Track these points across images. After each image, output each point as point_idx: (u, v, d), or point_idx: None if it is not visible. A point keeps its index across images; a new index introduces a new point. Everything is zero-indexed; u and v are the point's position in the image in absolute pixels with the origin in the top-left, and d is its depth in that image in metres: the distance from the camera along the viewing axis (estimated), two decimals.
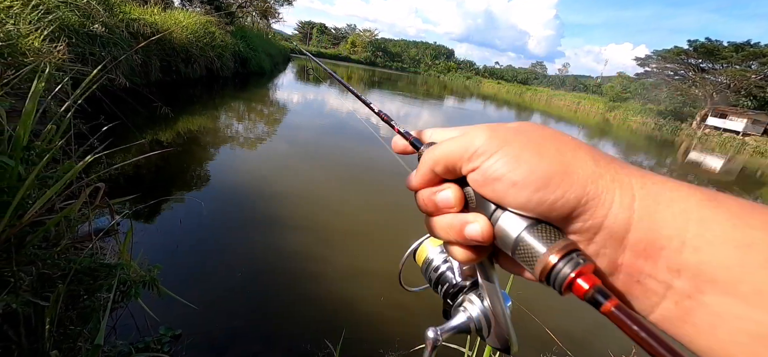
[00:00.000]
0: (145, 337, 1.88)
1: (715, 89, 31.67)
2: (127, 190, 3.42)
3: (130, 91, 6.31)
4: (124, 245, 1.16)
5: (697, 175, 12.40)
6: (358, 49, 78.22)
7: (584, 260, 0.20)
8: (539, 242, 0.21)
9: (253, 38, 15.54)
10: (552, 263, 0.20)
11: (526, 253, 0.22)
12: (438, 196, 0.26)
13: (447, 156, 0.25)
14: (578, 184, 0.21)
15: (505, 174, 0.22)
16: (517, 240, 0.22)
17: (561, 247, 0.20)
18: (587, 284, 0.19)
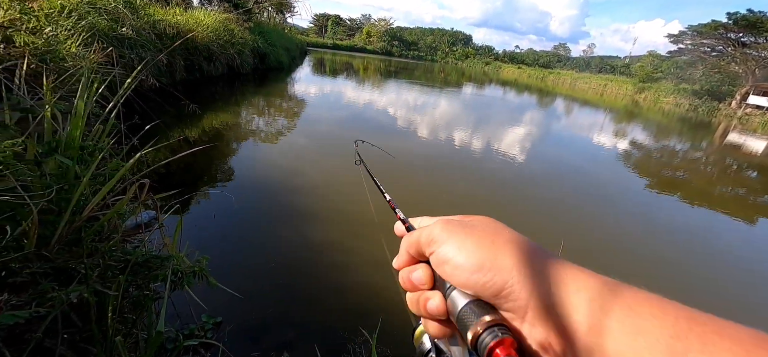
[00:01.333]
0: (189, 324, 1.98)
1: (758, 65, 29.46)
2: (162, 187, 3.59)
3: (159, 91, 6.56)
4: (174, 238, 1.22)
5: (737, 158, 11.67)
6: (374, 39, 77.66)
7: (503, 333, 0.25)
8: (473, 315, 0.26)
9: (270, 34, 15.72)
10: (478, 332, 0.25)
11: (464, 323, 0.27)
12: (413, 275, 0.32)
13: (415, 242, 0.32)
14: (503, 272, 0.26)
15: (451, 258, 0.29)
16: (460, 312, 0.27)
17: (488, 322, 0.25)
18: (503, 354, 0.24)
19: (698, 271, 3.70)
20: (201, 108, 6.32)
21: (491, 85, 31.17)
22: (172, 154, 4.46)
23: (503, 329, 0.25)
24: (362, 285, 2.65)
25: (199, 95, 8.07)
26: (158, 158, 4.26)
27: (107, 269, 1.10)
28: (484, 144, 7.55)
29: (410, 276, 0.33)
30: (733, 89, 31.61)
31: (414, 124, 8.94)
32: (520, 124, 11.60)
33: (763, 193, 7.72)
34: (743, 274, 3.83)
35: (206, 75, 9.79)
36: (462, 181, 5.03)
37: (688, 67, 35.23)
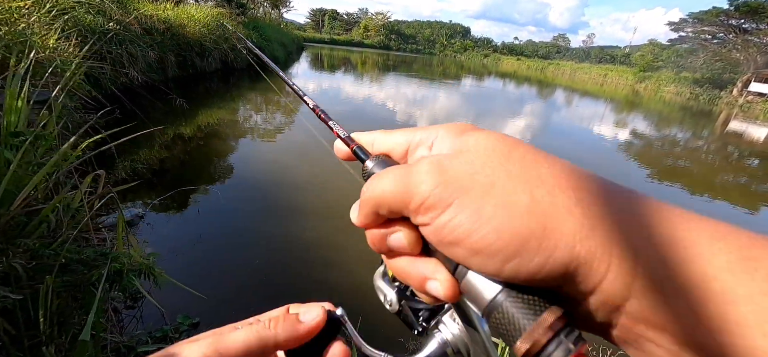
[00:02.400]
0: (163, 326, 1.88)
1: (760, 52, 29.16)
2: (150, 183, 3.49)
3: (150, 87, 6.45)
4: (118, 234, 1.12)
5: (738, 146, 11.53)
6: (371, 33, 77.18)
7: (575, 343, 0.16)
8: (520, 313, 0.17)
9: (265, 29, 15.56)
10: (541, 343, 0.16)
11: (503, 324, 0.17)
12: (389, 240, 0.21)
13: (388, 198, 0.20)
14: (564, 246, 0.16)
15: (465, 238, 0.17)
16: (491, 305, 0.18)
17: (549, 326, 0.16)
18: None
19: None
20: (193, 104, 6.20)
21: (490, 77, 30.93)
22: (164, 150, 4.35)
23: (575, 335, 0.16)
24: (354, 283, 2.55)
25: (191, 91, 7.94)
26: (152, 156, 4.17)
27: (38, 269, 0.99)
28: None
29: (387, 240, 0.21)
30: (735, 77, 31.30)
31: (414, 118, 8.82)
32: (521, 116, 11.46)
33: (765, 180, 7.59)
34: None
35: (200, 71, 9.65)
36: None
37: (688, 55, 34.92)
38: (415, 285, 0.21)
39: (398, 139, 0.24)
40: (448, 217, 0.18)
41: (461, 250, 0.18)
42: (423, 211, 0.19)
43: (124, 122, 2.30)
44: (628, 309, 0.16)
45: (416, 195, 0.19)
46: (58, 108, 1.53)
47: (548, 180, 0.17)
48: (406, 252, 0.21)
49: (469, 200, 0.17)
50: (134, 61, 6.11)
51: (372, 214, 0.21)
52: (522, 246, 0.16)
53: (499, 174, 0.18)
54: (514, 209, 0.17)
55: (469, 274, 0.19)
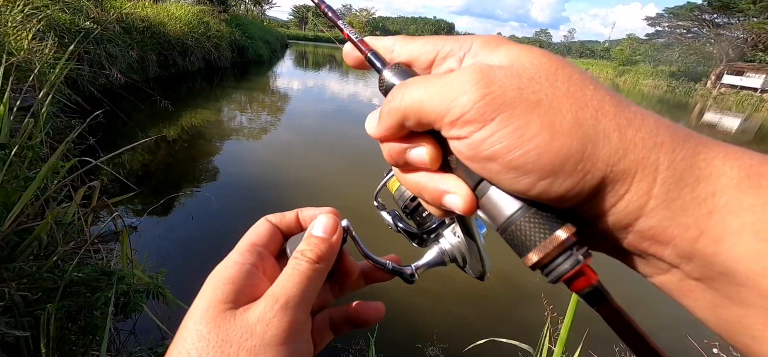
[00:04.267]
0: (165, 340, 1.82)
1: (731, 45, 30.39)
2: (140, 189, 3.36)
3: (131, 88, 6.22)
4: (123, 250, 1.06)
5: (713, 137, 11.97)
6: (356, 30, 76.65)
7: (583, 255, 0.18)
8: (536, 230, 0.18)
9: (248, 26, 15.22)
10: (550, 256, 0.18)
11: (517, 239, 0.19)
12: (409, 154, 0.21)
13: (422, 108, 0.19)
14: (597, 169, 0.16)
15: (505, 154, 0.17)
16: (509, 221, 0.19)
17: (560, 243, 0.18)
18: (583, 284, 0.18)
19: None
20: (176, 105, 6.00)
21: None
22: (149, 154, 4.20)
23: (584, 250, 0.18)
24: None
25: (175, 92, 7.70)
26: (138, 161, 4.02)
27: (42, 294, 0.93)
28: None
29: (407, 154, 0.21)
30: (708, 70, 32.53)
31: None
32: None
33: None
34: None
35: (182, 70, 9.37)
36: None
37: (665, 49, 36.07)
38: (431, 198, 0.21)
39: (423, 47, 0.22)
40: (489, 133, 0.17)
41: (496, 165, 0.17)
42: (461, 124, 0.18)
43: (107, 126, 2.20)
44: (637, 227, 0.17)
45: (455, 107, 0.18)
46: (44, 115, 1.44)
47: (593, 102, 0.17)
48: (426, 167, 0.21)
49: (514, 116, 0.17)
50: (114, 61, 5.88)
51: (396, 126, 0.21)
52: (560, 166, 0.16)
53: (546, 91, 0.17)
54: (558, 129, 0.16)
55: (491, 190, 0.19)
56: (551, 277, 0.18)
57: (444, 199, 0.20)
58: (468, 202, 0.20)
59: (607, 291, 0.18)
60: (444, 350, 1.89)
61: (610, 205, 0.17)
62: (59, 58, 3.04)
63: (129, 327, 1.91)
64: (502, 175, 0.18)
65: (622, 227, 0.17)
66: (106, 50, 5.76)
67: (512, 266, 2.89)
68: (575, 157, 0.16)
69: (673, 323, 2.38)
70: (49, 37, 3.51)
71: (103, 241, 2.04)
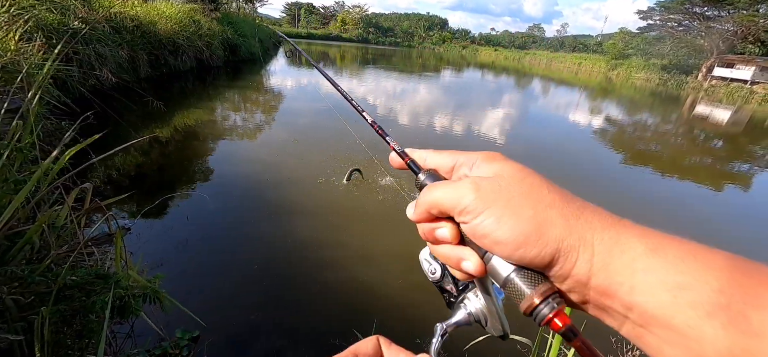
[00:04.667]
0: (161, 342, 1.81)
1: (722, 38, 30.67)
2: (133, 190, 3.34)
3: (122, 89, 6.14)
4: (117, 252, 1.05)
5: (704, 129, 12.14)
6: (349, 26, 76.17)
7: (558, 303, 0.25)
8: (524, 284, 0.26)
9: (240, 24, 15.08)
10: (535, 303, 0.25)
11: (514, 292, 0.26)
12: (437, 232, 0.29)
13: (440, 204, 0.28)
14: (551, 244, 0.24)
15: (490, 233, 0.26)
16: (506, 279, 0.26)
17: (542, 292, 0.25)
18: (561, 323, 0.24)
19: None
20: (169, 105, 5.95)
21: (469, 68, 31.22)
22: (143, 155, 4.17)
23: (558, 299, 0.25)
24: (354, 282, 2.53)
25: (166, 92, 7.63)
26: (131, 162, 3.98)
27: (35, 298, 0.92)
28: (466, 127, 7.51)
29: (434, 233, 0.30)
30: (699, 62, 32.83)
31: (394, 112, 8.80)
32: (500, 106, 11.65)
33: (728, 161, 8.05)
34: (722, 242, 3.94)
35: (174, 70, 9.27)
36: None
37: (656, 42, 36.29)
38: (453, 264, 0.29)
39: (446, 159, 0.32)
40: (480, 220, 0.26)
41: (488, 241, 0.26)
42: (464, 214, 0.27)
43: (98, 128, 2.18)
44: (592, 284, 0.24)
45: (460, 203, 0.27)
46: (33, 116, 1.43)
47: (546, 200, 0.26)
48: (448, 241, 0.29)
49: (495, 210, 0.26)
50: (104, 62, 5.80)
51: (426, 212, 0.30)
52: (525, 241, 0.25)
53: (514, 193, 0.26)
54: (522, 218, 0.25)
55: (493, 258, 0.27)
56: (537, 320, 0.25)
57: (462, 264, 0.28)
58: (478, 266, 0.28)
59: (577, 330, 0.24)
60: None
61: (569, 269, 0.24)
62: (47, 58, 3.00)
63: (126, 330, 1.91)
64: (494, 247, 0.26)
65: (583, 284, 0.24)
66: (96, 50, 5.69)
67: None
68: (534, 235, 0.25)
69: None
70: (36, 37, 3.46)
71: (98, 244, 2.02)
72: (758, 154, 9.18)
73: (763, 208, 5.28)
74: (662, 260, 0.22)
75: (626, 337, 0.25)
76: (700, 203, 5.06)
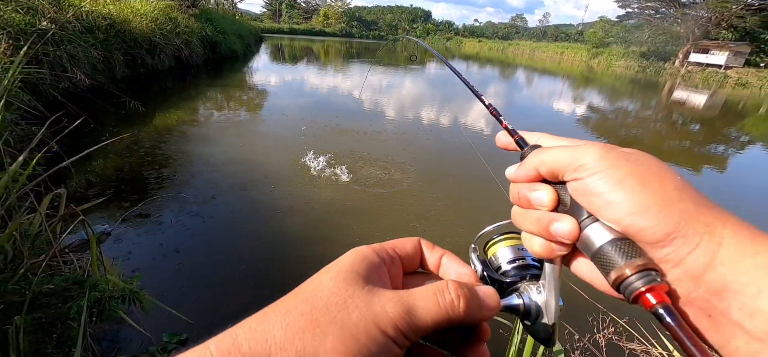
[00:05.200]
0: (148, 347, 1.78)
1: (697, 24, 31.59)
2: (113, 195, 3.24)
3: (97, 91, 5.93)
4: (93, 257, 1.02)
5: (682, 113, 12.53)
6: (332, 20, 75.33)
7: (659, 280, 0.23)
8: (620, 255, 0.24)
9: (219, 20, 14.73)
10: (626, 275, 0.23)
11: (605, 261, 0.24)
12: (533, 194, 0.29)
13: (554, 162, 0.27)
14: (671, 221, 0.22)
15: (604, 193, 0.24)
16: (600, 248, 0.25)
17: (639, 265, 0.23)
18: (655, 299, 0.22)
19: None
20: (148, 106, 5.78)
21: (454, 60, 31.33)
22: (122, 158, 4.04)
23: (656, 275, 0.23)
24: None
25: (145, 92, 7.40)
26: (110, 166, 3.85)
27: (8, 307, 0.89)
28: (453, 119, 7.55)
29: (529, 194, 0.29)
30: (676, 49, 33.77)
31: (380, 106, 8.77)
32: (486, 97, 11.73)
33: (705, 144, 8.34)
34: None
35: (151, 69, 9.00)
36: (434, 156, 4.97)
37: (635, 30, 37.14)
38: (543, 226, 0.27)
39: (561, 141, 0.31)
40: (598, 178, 0.25)
41: (599, 201, 0.25)
42: (581, 170, 0.26)
43: (73, 132, 2.11)
44: (707, 278, 0.22)
45: (579, 160, 0.26)
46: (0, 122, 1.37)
47: (677, 182, 0.24)
48: (544, 205, 0.28)
49: (617, 172, 0.24)
50: (76, 63, 5.58)
51: (532, 170, 0.29)
52: (643, 208, 0.23)
53: (642, 167, 0.25)
54: (645, 187, 0.24)
55: (590, 226, 0.25)
56: (626, 294, 0.23)
57: (553, 225, 0.27)
58: (573, 229, 0.26)
59: (676, 315, 0.22)
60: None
61: (684, 255, 0.22)
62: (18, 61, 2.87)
63: (111, 336, 1.86)
64: (602, 207, 0.25)
65: (694, 278, 0.22)
66: (68, 51, 5.47)
67: None
68: (656, 205, 0.23)
69: None
70: (1, 39, 3.30)
71: (77, 251, 1.96)
72: (733, 137, 9.53)
73: (737, 187, 5.50)
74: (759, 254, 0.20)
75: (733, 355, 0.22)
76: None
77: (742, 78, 26.53)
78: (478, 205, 3.71)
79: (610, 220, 0.24)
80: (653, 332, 1.39)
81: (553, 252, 0.28)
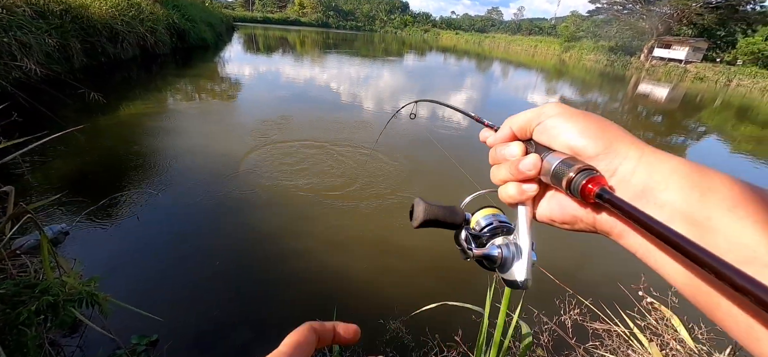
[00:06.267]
0: (115, 350, 1.70)
1: (660, 20, 33.14)
2: (73, 193, 3.04)
3: (52, 81, 5.54)
4: (45, 258, 0.95)
5: (647, 106, 13.17)
6: (308, 10, 73.56)
7: (597, 173, 0.29)
8: (567, 167, 0.31)
9: (187, 8, 14.05)
10: (572, 176, 0.30)
11: (560, 174, 0.31)
12: (506, 150, 0.37)
13: (523, 118, 0.36)
14: (607, 139, 0.30)
15: (558, 125, 0.33)
16: (556, 167, 0.31)
17: (580, 167, 0.30)
18: (594, 186, 0.28)
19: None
20: (108, 97, 5.45)
21: (432, 52, 31.46)
22: (82, 152, 3.80)
23: (594, 171, 0.29)
24: (318, 270, 2.50)
25: (107, 83, 6.99)
26: (69, 162, 3.61)
27: None
28: (431, 113, 7.59)
29: (504, 150, 0.37)
30: (642, 44, 35.37)
31: (358, 99, 8.69)
32: (463, 89, 11.89)
33: (667, 134, 8.83)
34: None
35: (114, 58, 8.50)
36: (413, 149, 4.99)
37: (604, 25, 38.52)
38: (514, 167, 0.35)
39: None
40: (555, 120, 0.33)
41: (555, 132, 0.33)
42: (543, 116, 0.34)
43: (24, 126, 1.96)
44: (634, 181, 0.28)
45: (543, 112, 0.35)
46: None
47: (615, 126, 0.32)
48: (515, 156, 0.36)
49: (569, 115, 0.33)
50: (28, 51, 5.18)
51: (507, 130, 0.37)
52: (587, 132, 0.31)
53: (590, 115, 0.33)
54: (590, 121, 0.32)
55: (548, 156, 0.32)
56: (573, 189, 0.30)
57: (521, 163, 0.34)
58: (536, 161, 0.33)
59: (611, 193, 0.27)
60: (404, 322, 1.95)
61: (617, 165, 0.29)
62: None
63: (75, 342, 1.76)
64: (557, 137, 0.33)
65: (625, 181, 0.29)
66: (17, 38, 5.06)
67: None
68: (596, 132, 0.31)
69: (607, 277, 2.65)
70: None
71: (32, 253, 1.84)
72: (691, 128, 10.14)
73: None
74: (693, 171, 0.27)
75: (636, 250, 0.29)
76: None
77: (700, 72, 28.19)
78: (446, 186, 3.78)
79: (563, 146, 0.32)
80: (616, 311, 1.46)
81: (524, 192, 0.35)
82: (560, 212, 0.34)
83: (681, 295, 0.26)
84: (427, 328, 1.87)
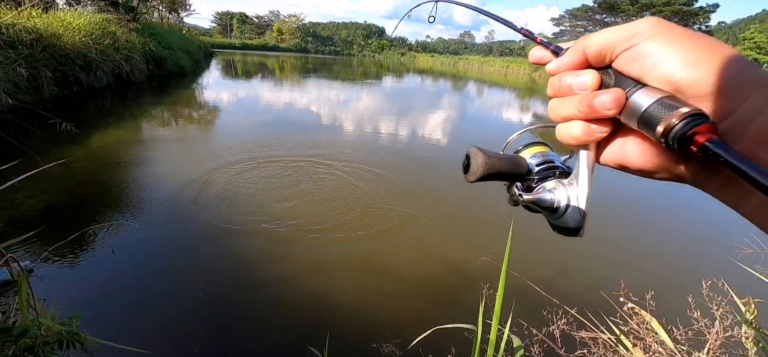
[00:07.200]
0: None
1: None
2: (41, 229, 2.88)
3: (20, 112, 5.32)
4: (21, 299, 0.90)
5: None
6: (286, 36, 74.37)
7: (706, 120, 0.22)
8: (666, 109, 0.23)
9: (164, 35, 13.94)
10: (673, 123, 0.23)
11: (652, 119, 0.24)
12: (576, 79, 0.29)
13: (605, 39, 0.27)
14: (722, 71, 0.22)
15: (658, 51, 0.25)
16: (647, 109, 0.24)
17: (684, 113, 0.22)
18: (703, 138, 0.22)
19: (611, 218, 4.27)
20: (81, 127, 5.26)
21: (409, 74, 32.28)
22: (53, 184, 3.62)
23: (703, 118, 0.22)
24: (304, 295, 2.46)
25: (79, 112, 6.75)
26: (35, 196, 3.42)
27: None
28: (410, 131, 7.74)
29: (572, 80, 0.29)
30: None
31: (339, 120, 8.77)
32: (441, 108, 12.21)
33: None
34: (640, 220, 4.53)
35: (87, 87, 8.25)
36: (393, 168, 5.05)
37: None
38: (586, 103, 0.28)
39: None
40: (649, 42, 0.25)
41: (650, 59, 0.25)
42: (637, 38, 0.26)
43: None
44: (757, 124, 0.22)
45: (634, 29, 0.26)
46: None
47: (731, 49, 0.24)
48: (587, 87, 0.28)
49: (672, 34, 0.25)
50: None
51: (579, 53, 0.29)
52: (694, 60, 0.23)
53: (697, 34, 0.25)
54: (699, 44, 0.24)
55: (637, 92, 0.25)
56: (672, 138, 0.23)
57: (596, 98, 0.27)
58: (619, 96, 0.26)
59: (727, 147, 0.21)
60: (398, 345, 1.94)
61: (735, 105, 0.22)
62: None
63: None
64: (654, 64, 0.25)
65: (743, 125, 0.22)
66: None
67: (458, 256, 3.07)
68: (706, 60, 0.23)
69: (594, 283, 2.73)
70: None
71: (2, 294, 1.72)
72: None
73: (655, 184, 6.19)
74: None
75: (752, 213, 0.23)
76: (617, 182, 5.79)
77: None
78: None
79: (662, 78, 0.25)
80: (600, 318, 1.52)
81: (593, 133, 0.28)
82: (639, 157, 0.28)
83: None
84: (421, 349, 1.87)
